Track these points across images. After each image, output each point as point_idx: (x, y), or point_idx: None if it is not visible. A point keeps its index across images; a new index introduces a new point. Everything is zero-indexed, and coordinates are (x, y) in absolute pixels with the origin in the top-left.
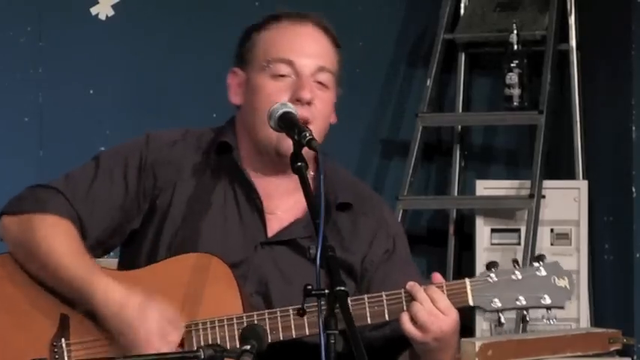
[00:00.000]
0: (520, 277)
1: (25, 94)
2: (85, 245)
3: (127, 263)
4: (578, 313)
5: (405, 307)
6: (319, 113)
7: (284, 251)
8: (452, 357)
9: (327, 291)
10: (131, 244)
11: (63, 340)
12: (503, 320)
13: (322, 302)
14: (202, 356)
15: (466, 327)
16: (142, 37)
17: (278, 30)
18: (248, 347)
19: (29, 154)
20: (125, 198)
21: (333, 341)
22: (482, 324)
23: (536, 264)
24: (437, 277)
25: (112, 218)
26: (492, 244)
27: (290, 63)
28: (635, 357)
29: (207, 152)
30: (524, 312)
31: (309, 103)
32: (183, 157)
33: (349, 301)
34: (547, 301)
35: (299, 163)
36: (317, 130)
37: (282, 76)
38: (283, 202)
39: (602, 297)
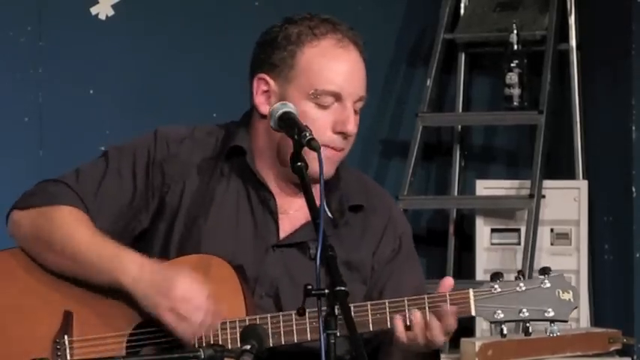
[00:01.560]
0: (524, 288)
1: (25, 94)
2: None
3: None
4: (578, 313)
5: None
6: (353, 139)
7: (294, 254)
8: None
9: (326, 291)
10: (142, 243)
11: (66, 337)
12: (505, 332)
13: (321, 302)
14: (202, 356)
15: (466, 327)
16: (142, 37)
17: (323, 53)
18: (248, 347)
19: (29, 154)
20: (134, 195)
21: (333, 341)
22: (482, 324)
23: (540, 276)
24: (448, 281)
25: (121, 216)
26: (492, 244)
27: (338, 96)
28: (635, 357)
29: (217, 151)
30: (527, 324)
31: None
32: (192, 154)
33: (352, 308)
34: (551, 314)
35: (299, 163)
36: (346, 153)
37: (328, 106)
38: (296, 203)
39: (602, 297)
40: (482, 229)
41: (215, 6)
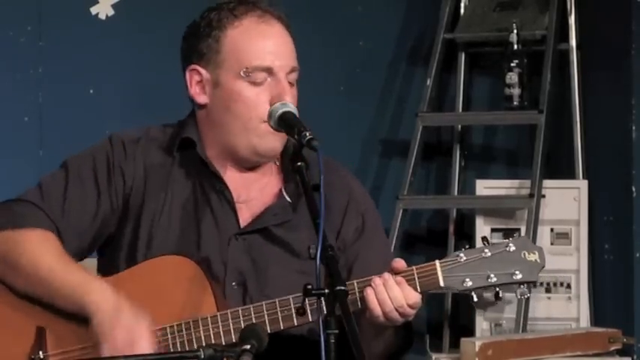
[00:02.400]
0: (490, 254)
1: (25, 94)
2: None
3: (106, 266)
4: (578, 312)
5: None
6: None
7: (257, 240)
8: None
9: (326, 290)
10: (108, 248)
11: (40, 352)
12: (475, 299)
13: (317, 301)
14: (202, 356)
15: (466, 327)
16: (142, 37)
17: (247, 30)
18: (248, 347)
19: (29, 154)
20: (99, 202)
21: (333, 341)
22: (482, 324)
23: (505, 240)
24: (400, 264)
25: (90, 226)
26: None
27: (268, 69)
28: (635, 357)
29: (171, 147)
30: (497, 289)
31: None
32: (149, 153)
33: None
34: (518, 276)
35: (299, 163)
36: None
37: (261, 82)
38: (252, 190)
39: (602, 297)
40: (482, 229)
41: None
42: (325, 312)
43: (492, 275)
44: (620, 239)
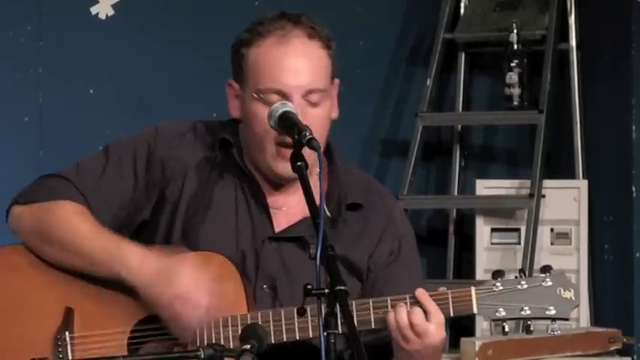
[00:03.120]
0: (526, 287)
1: (25, 94)
2: None
3: None
4: (578, 312)
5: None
6: (313, 129)
7: (291, 248)
8: None
9: (326, 290)
10: (143, 235)
11: (67, 333)
12: (507, 329)
13: (321, 302)
14: (202, 356)
15: (466, 327)
16: (142, 37)
17: (265, 52)
18: (248, 347)
19: (29, 154)
20: (134, 190)
21: (333, 341)
22: (482, 324)
23: (542, 275)
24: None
25: (121, 210)
26: (492, 243)
27: (279, 92)
28: (635, 356)
29: (213, 147)
30: (528, 322)
31: None
32: (191, 150)
33: (354, 304)
34: (552, 312)
35: (299, 163)
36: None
37: (274, 103)
38: (291, 198)
39: (602, 297)
40: (482, 229)
41: (215, 6)
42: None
43: (526, 308)
44: (620, 239)
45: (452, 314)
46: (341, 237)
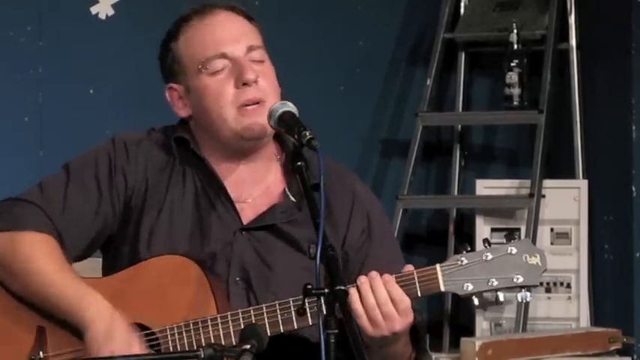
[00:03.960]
0: (491, 257)
1: (25, 94)
2: (66, 256)
3: (110, 267)
4: (578, 312)
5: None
6: (269, 88)
7: (264, 237)
8: (402, 346)
9: (326, 290)
10: (111, 248)
11: (41, 353)
12: (477, 303)
13: (318, 301)
14: (202, 356)
15: (466, 327)
16: (142, 37)
17: (195, 30)
18: (248, 347)
19: (29, 154)
20: (100, 203)
21: (332, 341)
22: (482, 324)
23: (506, 243)
24: (409, 267)
25: (90, 226)
26: (492, 243)
27: (223, 55)
28: (635, 356)
29: (171, 148)
30: (497, 293)
31: (255, 82)
32: (150, 154)
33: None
34: (520, 280)
35: (299, 163)
36: (270, 103)
37: (221, 70)
38: (254, 190)
39: (602, 297)
40: (482, 229)
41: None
42: (325, 312)
43: (493, 279)
44: (620, 239)
45: (419, 294)
46: (308, 220)
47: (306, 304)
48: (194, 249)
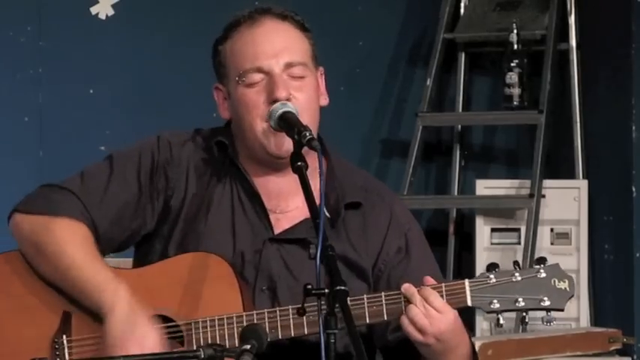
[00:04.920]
0: (520, 278)
1: (25, 94)
2: (99, 247)
3: (140, 262)
4: (578, 312)
5: (403, 308)
6: (302, 105)
7: (294, 249)
8: (462, 356)
9: (326, 290)
10: (144, 244)
11: (64, 337)
12: (502, 321)
13: (322, 302)
14: (202, 355)
15: (466, 326)
16: (142, 37)
17: (240, 39)
18: (248, 347)
19: (29, 154)
20: (139, 200)
21: (333, 341)
22: (482, 324)
23: (536, 266)
24: (429, 280)
25: (127, 221)
26: (492, 243)
27: (259, 69)
28: (635, 356)
29: (211, 151)
30: (524, 313)
31: (288, 100)
32: (194, 156)
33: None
34: (546, 303)
35: (299, 163)
36: (307, 121)
37: (257, 83)
38: (291, 202)
39: (602, 297)
40: (482, 229)
41: (215, 5)
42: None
43: (520, 299)
44: (620, 239)
45: None
46: (341, 237)
47: (319, 304)
48: (224, 252)
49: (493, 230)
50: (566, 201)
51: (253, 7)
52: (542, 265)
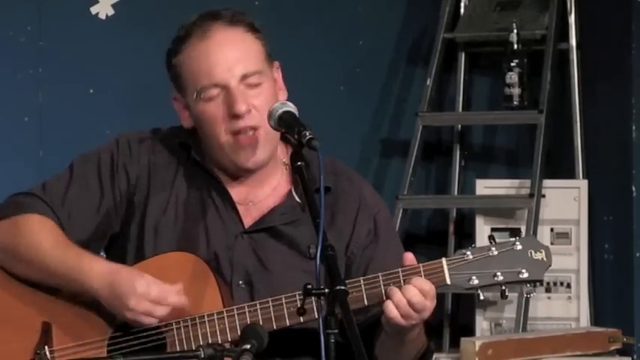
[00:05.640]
0: (496, 252)
1: (25, 94)
2: None
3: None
4: (578, 312)
5: (383, 292)
6: (263, 114)
7: (265, 239)
8: (417, 333)
9: (326, 290)
10: (115, 247)
11: (46, 347)
12: (482, 297)
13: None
14: (202, 355)
15: (466, 327)
16: (142, 37)
17: (192, 52)
18: (248, 346)
19: (29, 154)
20: (101, 201)
21: (333, 341)
22: (482, 324)
23: (512, 239)
24: (409, 257)
25: (91, 222)
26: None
27: (216, 85)
28: (635, 356)
29: (173, 151)
30: (503, 287)
31: (249, 112)
32: (153, 152)
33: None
34: (525, 275)
35: (299, 163)
36: (265, 130)
37: (215, 96)
38: (260, 192)
39: (602, 297)
40: (482, 229)
41: (215, 6)
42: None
43: (499, 274)
44: (620, 239)
45: None
46: (310, 221)
47: (311, 302)
48: (198, 250)
49: (493, 230)
50: (566, 201)
51: (204, 11)
52: (517, 238)
